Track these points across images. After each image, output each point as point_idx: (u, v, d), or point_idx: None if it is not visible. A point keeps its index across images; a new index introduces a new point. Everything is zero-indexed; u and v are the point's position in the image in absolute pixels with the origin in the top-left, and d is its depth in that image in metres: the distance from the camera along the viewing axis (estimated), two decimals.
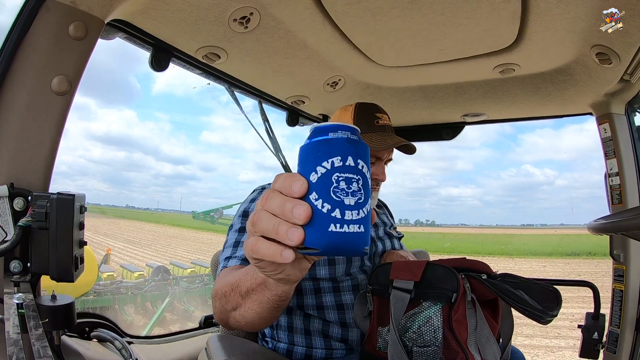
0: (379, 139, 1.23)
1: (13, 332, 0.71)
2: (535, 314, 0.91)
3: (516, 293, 0.94)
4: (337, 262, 1.20)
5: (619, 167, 1.75)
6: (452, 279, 0.96)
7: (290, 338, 1.19)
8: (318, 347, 1.17)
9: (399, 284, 0.99)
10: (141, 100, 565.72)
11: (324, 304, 1.18)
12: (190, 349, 1.61)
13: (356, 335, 1.17)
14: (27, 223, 0.91)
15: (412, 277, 0.98)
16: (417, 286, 0.97)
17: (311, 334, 1.18)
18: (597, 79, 1.60)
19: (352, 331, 1.17)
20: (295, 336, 1.19)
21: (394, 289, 0.99)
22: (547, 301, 0.94)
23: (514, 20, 1.30)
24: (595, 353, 1.74)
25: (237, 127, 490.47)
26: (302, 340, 1.18)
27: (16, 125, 0.96)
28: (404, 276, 0.99)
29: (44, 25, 0.96)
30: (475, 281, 1.01)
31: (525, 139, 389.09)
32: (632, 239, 1.55)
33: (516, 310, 0.95)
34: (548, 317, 0.92)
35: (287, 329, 1.20)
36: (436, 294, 0.96)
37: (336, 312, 1.18)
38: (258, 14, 1.27)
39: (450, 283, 0.96)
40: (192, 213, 20.93)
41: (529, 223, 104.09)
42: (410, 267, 1.01)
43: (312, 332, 1.18)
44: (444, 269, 0.99)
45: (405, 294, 0.97)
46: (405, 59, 1.66)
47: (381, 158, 1.28)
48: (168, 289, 9.76)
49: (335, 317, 1.18)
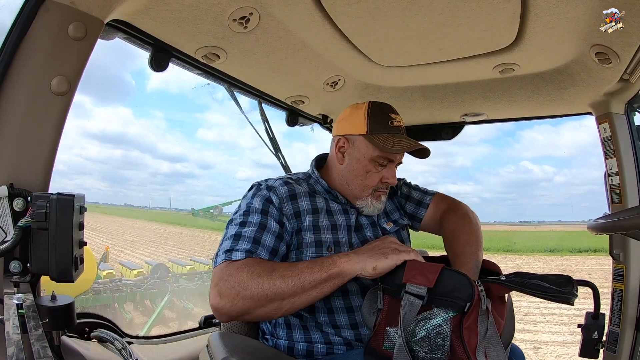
0: (396, 142, 1.20)
1: (13, 333, 0.71)
2: (563, 296, 0.93)
3: (538, 284, 0.95)
4: None
5: (618, 166, 1.75)
6: (467, 287, 0.93)
7: (289, 335, 1.19)
8: (318, 342, 1.16)
9: (412, 288, 0.96)
10: (136, 97, 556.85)
11: (334, 305, 1.17)
12: (190, 348, 1.61)
13: (350, 334, 1.16)
14: (27, 223, 0.91)
15: (426, 283, 0.95)
16: (429, 291, 0.96)
17: (309, 329, 1.17)
18: (596, 79, 1.60)
19: (348, 330, 1.16)
20: (294, 332, 1.18)
21: (407, 293, 0.97)
22: (564, 285, 0.95)
23: (514, 20, 1.30)
24: (595, 352, 1.74)
25: (233, 124, 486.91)
26: (302, 336, 1.18)
27: (16, 126, 0.96)
28: (417, 280, 0.97)
29: (43, 25, 0.95)
30: (492, 284, 1.00)
31: (523, 136, 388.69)
32: (631, 238, 1.55)
33: (543, 298, 0.96)
34: (573, 297, 0.94)
35: (286, 326, 1.20)
36: (448, 302, 0.94)
37: (343, 314, 1.17)
38: (258, 14, 1.26)
39: (464, 292, 0.93)
40: (192, 210, 20.94)
41: (525, 220, 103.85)
42: (425, 270, 0.98)
43: (309, 327, 1.17)
44: (459, 276, 0.97)
45: (418, 299, 0.95)
46: (404, 58, 1.65)
47: (393, 161, 1.25)
48: (167, 286, 9.78)
49: (326, 319, 1.17)
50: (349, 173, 1.26)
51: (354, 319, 1.17)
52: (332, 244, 1.18)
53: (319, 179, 1.30)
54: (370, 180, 1.24)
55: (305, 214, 1.19)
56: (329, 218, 1.22)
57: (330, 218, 1.23)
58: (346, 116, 1.28)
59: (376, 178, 1.24)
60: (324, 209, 1.23)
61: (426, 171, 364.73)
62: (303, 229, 1.18)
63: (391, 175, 1.25)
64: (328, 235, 1.19)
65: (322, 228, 1.19)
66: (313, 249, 1.16)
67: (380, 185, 1.25)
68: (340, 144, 1.27)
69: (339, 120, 1.31)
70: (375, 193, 1.26)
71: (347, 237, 1.22)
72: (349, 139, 1.25)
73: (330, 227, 1.21)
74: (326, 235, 1.19)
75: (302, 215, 1.19)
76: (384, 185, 1.26)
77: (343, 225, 1.23)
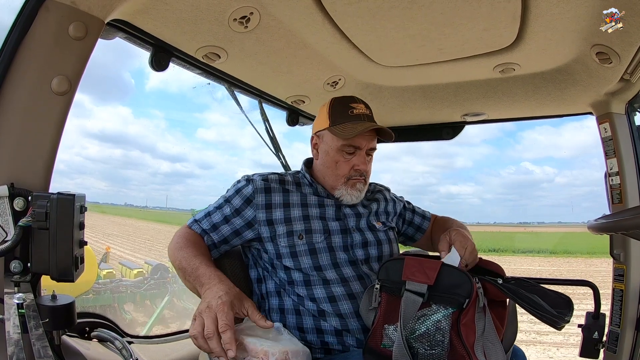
0: (351, 127, 1.25)
1: (13, 332, 0.71)
2: (552, 319, 0.93)
3: (532, 298, 0.94)
4: (319, 252, 1.24)
5: (619, 166, 1.75)
6: (466, 283, 0.95)
7: (282, 319, 1.23)
8: (309, 326, 1.21)
9: (412, 286, 0.97)
10: (136, 96, 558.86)
11: (316, 296, 1.20)
12: (190, 349, 1.61)
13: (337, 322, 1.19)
14: (28, 223, 0.91)
15: (426, 280, 0.96)
16: (429, 288, 0.96)
17: (301, 313, 1.22)
18: (597, 79, 1.60)
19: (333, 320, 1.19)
20: (287, 317, 1.23)
21: (407, 291, 0.97)
22: (560, 306, 0.94)
23: (514, 19, 1.30)
24: (596, 352, 1.74)
25: (233, 124, 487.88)
26: (293, 320, 1.22)
27: (16, 126, 0.96)
28: (417, 278, 0.97)
29: (44, 25, 0.95)
30: (489, 284, 1.00)
31: (524, 136, 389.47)
32: (632, 238, 1.55)
33: (532, 315, 0.95)
34: (563, 322, 0.93)
35: (279, 311, 1.25)
36: (448, 299, 0.95)
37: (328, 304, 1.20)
38: (258, 14, 1.27)
39: (464, 288, 0.94)
40: (192, 211, 21.01)
41: (525, 221, 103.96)
42: (424, 267, 0.99)
43: (302, 312, 1.22)
44: (458, 273, 0.97)
45: (418, 297, 0.96)
46: (405, 58, 1.65)
47: (360, 147, 1.29)
48: (167, 286, 9.77)
49: (313, 308, 1.21)
50: (323, 166, 1.34)
51: (338, 308, 1.19)
52: (303, 232, 1.25)
53: (305, 174, 1.38)
54: (341, 170, 1.31)
55: (276, 207, 1.27)
56: (302, 209, 1.29)
57: (304, 209, 1.29)
58: (317, 116, 1.38)
59: (346, 167, 1.30)
60: (297, 202, 1.30)
61: (427, 172, 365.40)
62: (275, 221, 1.26)
63: (361, 162, 1.30)
64: (300, 225, 1.26)
65: (293, 219, 1.26)
66: (285, 238, 1.24)
67: (353, 172, 1.31)
68: (314, 141, 1.38)
69: (314, 121, 1.40)
70: (349, 182, 1.31)
71: (321, 226, 1.27)
72: (319, 135, 1.36)
73: (302, 217, 1.27)
74: (297, 225, 1.26)
75: (272, 207, 1.27)
76: (356, 173, 1.31)
77: (316, 216, 1.29)
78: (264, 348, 0.93)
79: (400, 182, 47.55)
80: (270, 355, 0.91)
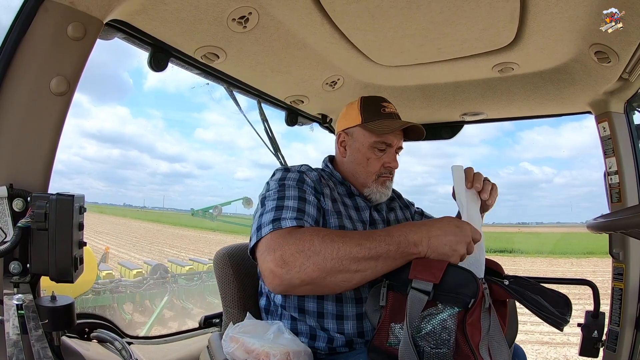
0: (388, 124, 1.26)
1: (13, 333, 0.71)
2: (556, 320, 0.93)
3: (537, 299, 0.95)
4: None
5: (618, 165, 1.75)
6: (472, 283, 0.94)
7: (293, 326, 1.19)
8: (321, 333, 1.16)
9: (418, 284, 0.97)
10: (134, 96, 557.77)
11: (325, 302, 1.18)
12: (190, 349, 1.61)
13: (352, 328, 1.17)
14: (27, 224, 0.91)
15: (432, 279, 0.96)
16: (435, 287, 0.96)
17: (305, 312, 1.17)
18: (596, 78, 1.61)
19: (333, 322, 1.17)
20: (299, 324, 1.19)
21: (413, 289, 0.97)
22: (559, 306, 0.95)
23: (513, 19, 1.30)
24: (595, 351, 1.75)
25: (231, 124, 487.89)
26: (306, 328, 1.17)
27: (15, 126, 0.95)
28: (423, 277, 0.98)
29: (42, 25, 0.95)
30: (495, 285, 1.01)
31: (523, 137, 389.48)
32: (631, 237, 1.55)
33: (536, 315, 0.95)
34: (565, 323, 0.93)
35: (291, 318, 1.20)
36: (454, 299, 0.95)
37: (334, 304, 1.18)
38: (257, 14, 1.27)
39: (469, 288, 0.94)
40: (191, 211, 20.87)
41: (524, 221, 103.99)
42: (431, 266, 0.98)
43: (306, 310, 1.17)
44: (464, 272, 0.97)
45: (424, 295, 0.96)
46: (404, 58, 1.65)
47: (392, 145, 1.30)
48: (167, 286, 9.77)
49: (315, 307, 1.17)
50: (352, 163, 1.33)
51: (341, 311, 1.17)
52: (344, 228, 1.21)
53: (333, 171, 1.36)
54: (372, 167, 1.30)
55: (326, 198, 1.22)
56: (342, 207, 1.26)
57: (346, 209, 1.27)
58: (343, 114, 1.37)
59: (377, 164, 1.30)
60: (340, 200, 1.27)
61: (426, 172, 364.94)
62: (327, 212, 1.20)
63: (392, 159, 1.31)
64: (349, 222, 1.23)
65: (343, 215, 1.23)
66: None
67: (383, 170, 1.31)
68: (341, 138, 1.35)
69: (338, 120, 1.39)
70: (379, 179, 1.31)
71: (353, 227, 1.24)
72: (347, 132, 1.34)
73: (349, 216, 1.25)
74: (347, 222, 1.22)
75: (324, 197, 1.21)
76: (386, 171, 1.31)
77: (357, 220, 1.28)
78: (264, 349, 0.93)
79: (399, 182, 48.12)
80: (272, 356, 0.91)
